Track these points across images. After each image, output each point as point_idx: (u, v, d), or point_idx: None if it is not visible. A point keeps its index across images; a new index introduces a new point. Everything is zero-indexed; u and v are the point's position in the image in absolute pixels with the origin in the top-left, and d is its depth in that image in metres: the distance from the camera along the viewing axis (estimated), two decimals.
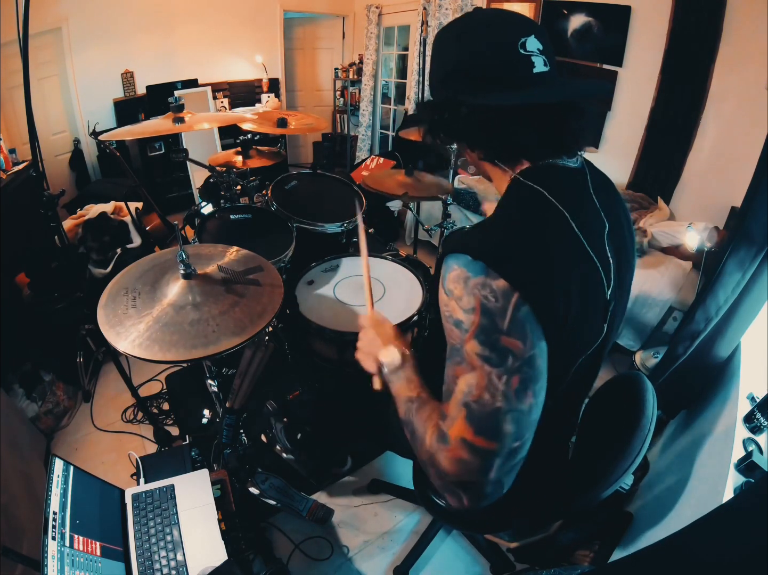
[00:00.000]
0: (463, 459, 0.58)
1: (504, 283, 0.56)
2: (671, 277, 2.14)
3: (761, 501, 0.54)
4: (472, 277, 0.58)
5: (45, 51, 3.23)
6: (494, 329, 0.57)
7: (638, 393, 0.90)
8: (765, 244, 1.13)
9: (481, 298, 0.57)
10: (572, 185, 0.69)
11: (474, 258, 0.58)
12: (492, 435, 0.58)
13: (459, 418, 0.59)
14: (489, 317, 0.57)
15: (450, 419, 0.60)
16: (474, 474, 0.59)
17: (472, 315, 0.57)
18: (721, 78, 2.32)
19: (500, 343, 0.57)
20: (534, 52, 0.63)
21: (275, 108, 4.50)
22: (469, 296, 0.58)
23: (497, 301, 0.56)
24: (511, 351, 0.57)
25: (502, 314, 0.56)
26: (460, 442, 0.58)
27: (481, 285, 0.57)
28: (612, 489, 0.84)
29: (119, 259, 2.29)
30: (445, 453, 0.60)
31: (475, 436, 0.58)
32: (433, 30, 3.81)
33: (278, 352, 1.55)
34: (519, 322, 0.56)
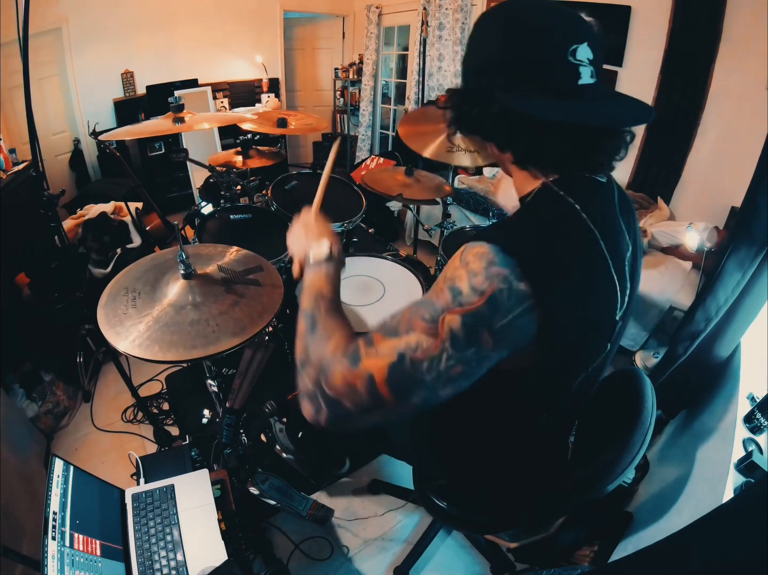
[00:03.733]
0: (357, 389, 0.57)
1: (526, 287, 0.55)
2: (671, 277, 2.14)
3: (761, 501, 0.54)
4: (497, 264, 0.55)
5: (45, 51, 3.23)
6: (486, 322, 0.55)
7: (637, 388, 0.90)
8: (765, 244, 1.13)
9: (496, 289, 0.54)
10: (602, 203, 0.67)
11: (506, 252, 0.56)
12: (397, 395, 0.56)
13: (384, 359, 0.56)
14: (491, 309, 0.54)
15: (374, 351, 0.58)
16: (353, 406, 0.58)
17: (476, 297, 0.55)
18: (721, 78, 2.32)
19: (479, 335, 0.55)
20: (583, 62, 0.58)
21: (275, 108, 4.50)
22: (485, 279, 0.55)
23: (509, 300, 0.54)
24: (481, 345, 0.55)
25: (504, 314, 0.55)
26: (366, 376, 0.56)
27: (503, 277, 0.55)
28: (615, 484, 0.84)
29: (119, 259, 2.29)
30: (343, 371, 0.58)
31: (385, 384, 0.56)
32: (433, 30, 3.81)
33: (278, 352, 1.55)
34: (510, 328, 0.55)
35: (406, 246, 3.37)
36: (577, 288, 0.60)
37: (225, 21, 4.16)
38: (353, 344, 0.60)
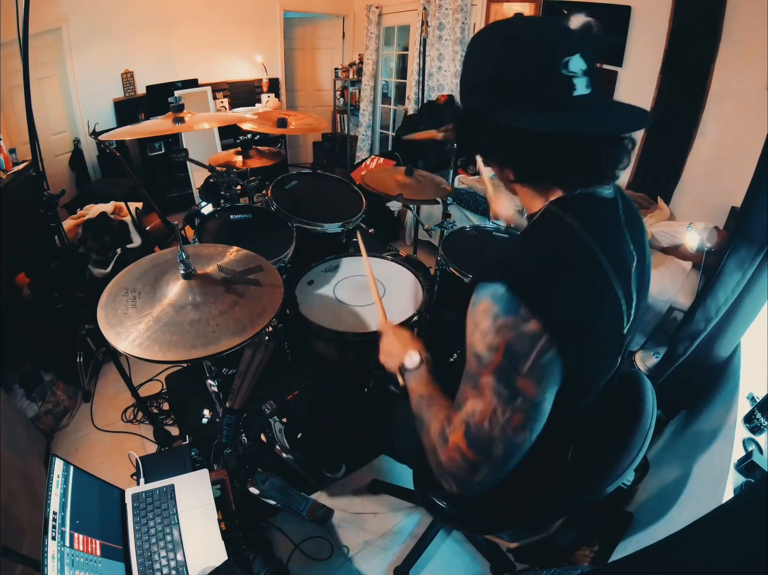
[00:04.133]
0: (456, 460, 0.66)
1: (536, 326, 0.57)
2: (671, 277, 2.14)
3: (761, 501, 0.54)
4: (501, 315, 0.58)
5: (45, 51, 3.23)
6: (513, 370, 0.59)
7: (637, 390, 0.90)
8: (765, 244, 1.13)
9: (507, 340, 0.58)
10: (606, 218, 0.67)
11: (509, 289, 0.58)
12: (481, 454, 0.64)
13: (459, 430, 0.65)
14: (510, 359, 0.58)
15: (453, 427, 0.67)
16: (462, 473, 0.67)
17: (494, 354, 0.59)
18: (721, 78, 2.32)
19: (515, 383, 0.59)
20: (576, 73, 0.59)
21: (275, 108, 4.50)
22: (495, 335, 0.59)
23: (523, 345, 0.57)
24: (524, 392, 0.59)
25: (525, 358, 0.58)
26: (456, 448, 0.66)
27: (509, 326, 0.58)
28: (615, 485, 0.84)
29: (119, 259, 2.29)
30: (443, 450, 0.68)
31: (468, 449, 0.64)
32: (433, 30, 3.81)
33: (278, 352, 1.55)
34: (539, 368, 0.58)
35: (406, 246, 3.37)
36: (585, 316, 0.61)
37: (225, 21, 4.16)
38: (443, 428, 0.70)
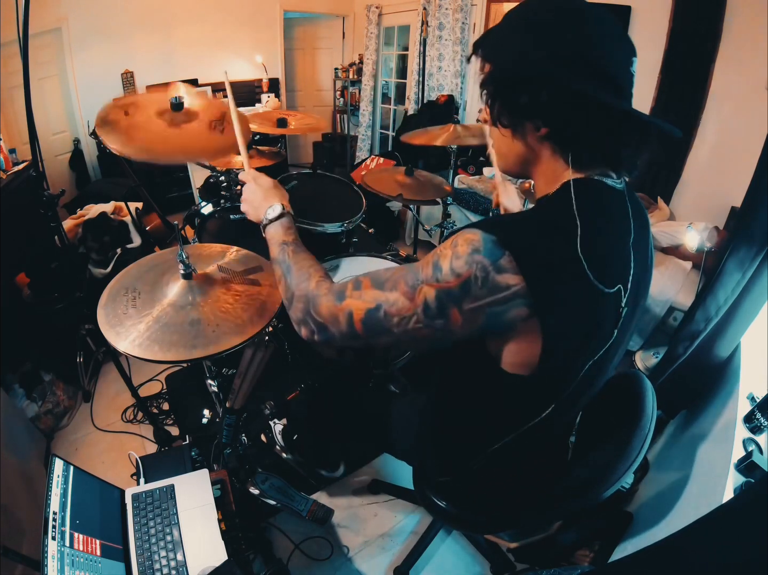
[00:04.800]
0: (339, 320, 0.69)
1: (509, 279, 0.58)
2: (671, 277, 2.14)
3: (761, 501, 0.54)
4: (481, 253, 0.59)
5: (45, 51, 3.24)
6: (456, 301, 0.60)
7: (637, 392, 0.90)
8: (765, 244, 1.13)
9: (471, 275, 0.59)
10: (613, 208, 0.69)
11: (498, 241, 0.59)
12: (368, 334, 0.67)
13: (364, 304, 0.67)
14: (463, 291, 0.60)
15: (360, 294, 0.68)
16: (336, 333, 0.70)
17: (452, 277, 0.60)
18: (721, 78, 2.32)
19: (448, 310, 0.61)
20: (634, 74, 0.64)
21: (275, 108, 4.50)
22: (465, 263, 0.59)
23: (482, 288, 0.59)
24: (449, 319, 0.61)
25: (475, 299, 0.59)
26: (348, 313, 0.68)
27: (482, 266, 0.58)
28: (613, 489, 0.84)
29: (119, 259, 2.29)
30: (329, 304, 0.70)
31: (359, 322, 0.67)
32: (433, 30, 3.81)
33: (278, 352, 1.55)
34: (481, 313, 0.60)
35: (406, 246, 3.37)
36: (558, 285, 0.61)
37: (225, 21, 4.16)
38: (341, 284, 0.71)
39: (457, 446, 0.93)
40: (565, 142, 0.67)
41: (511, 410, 0.79)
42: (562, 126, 0.65)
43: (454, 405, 0.92)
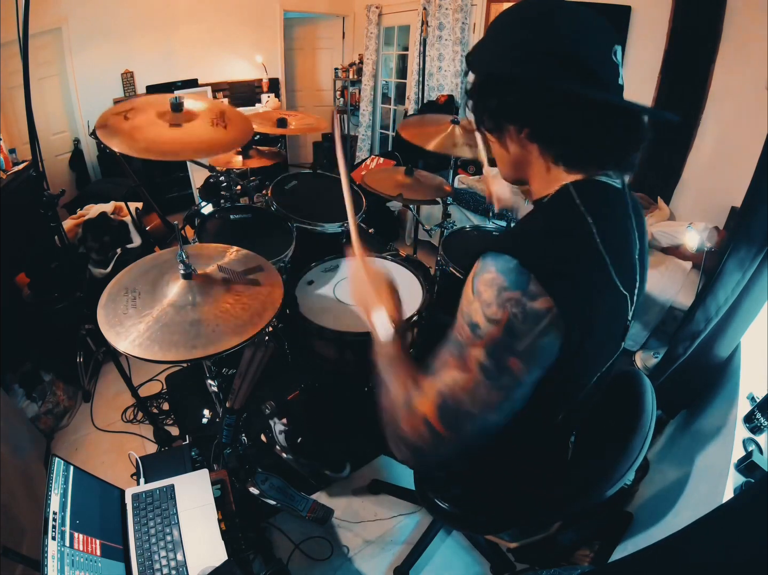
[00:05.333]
0: (420, 431, 0.61)
1: (542, 304, 0.54)
2: (671, 277, 2.14)
3: (761, 501, 0.54)
4: (507, 288, 0.55)
5: (45, 51, 3.23)
6: (508, 348, 0.56)
7: (637, 392, 0.90)
8: (765, 244, 1.13)
9: (510, 315, 0.55)
10: (616, 206, 0.68)
11: (520, 263, 0.55)
12: (453, 430, 0.59)
13: (431, 401, 0.60)
14: (510, 335, 0.55)
15: (423, 395, 0.61)
16: (425, 445, 0.61)
17: (493, 327, 0.56)
18: (721, 78, 2.32)
19: (506, 362, 0.56)
20: (619, 63, 0.61)
21: (275, 108, 4.50)
22: (498, 307, 0.55)
23: (525, 323, 0.55)
24: (512, 371, 0.57)
25: (524, 336, 0.55)
26: (424, 419, 0.60)
27: (515, 301, 0.55)
28: (615, 489, 0.84)
29: (119, 259, 2.28)
30: (407, 418, 0.62)
31: (438, 422, 0.59)
32: (433, 30, 3.81)
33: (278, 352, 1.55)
34: (535, 349, 0.56)
35: (406, 246, 3.37)
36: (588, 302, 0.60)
37: (225, 21, 4.16)
38: (408, 394, 0.63)
39: None
40: (547, 140, 0.65)
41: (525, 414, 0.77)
42: (541, 124, 0.64)
43: None
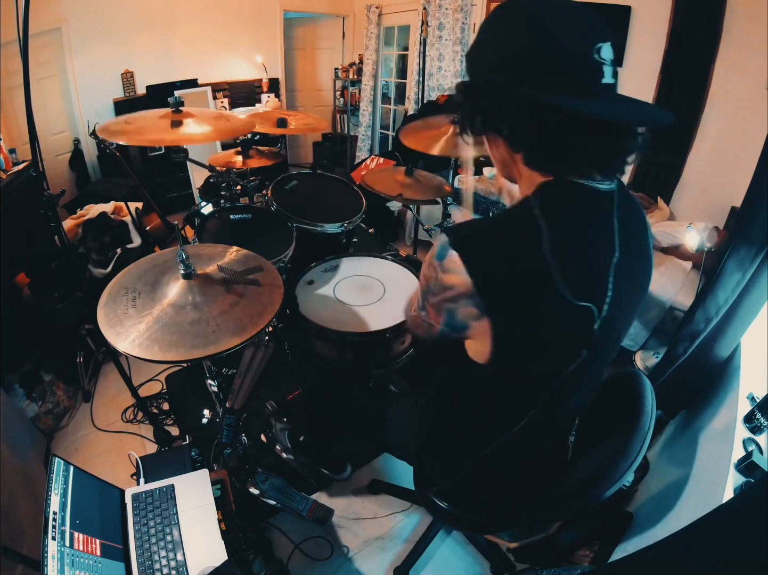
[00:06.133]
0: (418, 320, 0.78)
1: (453, 279, 0.63)
2: (671, 277, 2.14)
3: (761, 501, 0.54)
4: (433, 256, 0.67)
5: (45, 51, 3.23)
6: (425, 296, 0.72)
7: (637, 392, 0.90)
8: (765, 244, 1.13)
9: (429, 275, 0.69)
10: (590, 212, 0.66)
11: (450, 243, 0.64)
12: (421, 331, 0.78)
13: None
14: (427, 290, 0.71)
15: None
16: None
17: (422, 279, 0.73)
18: (721, 78, 2.32)
19: (425, 302, 0.73)
20: (606, 61, 0.59)
21: (275, 108, 4.50)
22: (427, 266, 0.70)
23: (434, 287, 0.68)
24: (427, 312, 0.73)
25: (432, 295, 0.70)
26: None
27: (433, 267, 0.67)
28: (613, 490, 0.84)
29: (119, 259, 2.29)
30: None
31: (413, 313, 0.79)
32: (433, 30, 3.81)
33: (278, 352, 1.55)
34: (441, 308, 0.70)
35: (406, 246, 3.37)
36: (520, 296, 0.61)
37: (225, 21, 4.16)
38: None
39: (456, 446, 0.93)
40: (518, 145, 0.66)
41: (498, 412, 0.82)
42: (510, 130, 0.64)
43: (451, 406, 0.92)
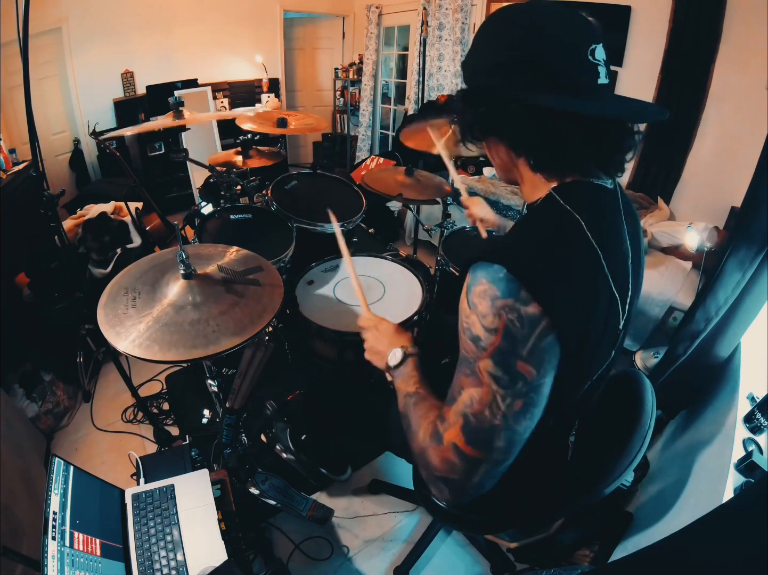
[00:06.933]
0: (452, 461, 0.62)
1: (535, 308, 0.55)
2: (671, 277, 2.14)
3: (761, 501, 0.54)
4: (500, 297, 0.56)
5: (45, 51, 3.23)
6: (513, 353, 0.57)
7: (637, 391, 0.90)
8: (765, 244, 1.13)
9: (506, 322, 0.56)
10: (607, 212, 0.67)
11: (509, 271, 0.56)
12: (482, 448, 0.60)
13: (456, 426, 0.61)
14: (510, 341, 0.56)
15: (447, 423, 0.63)
16: (458, 475, 0.62)
17: (493, 336, 0.57)
18: (721, 78, 2.32)
19: (515, 367, 0.57)
20: (600, 62, 0.59)
21: (275, 108, 4.50)
22: (494, 316, 0.57)
23: (523, 328, 0.56)
24: (524, 376, 0.57)
25: (524, 340, 0.56)
26: (452, 446, 0.62)
27: (509, 307, 0.56)
28: (613, 487, 0.84)
29: (119, 259, 2.29)
30: (436, 451, 0.64)
31: (467, 445, 0.60)
32: (433, 30, 3.81)
33: (278, 352, 1.55)
34: (539, 351, 0.57)
35: (406, 246, 3.37)
36: (583, 303, 0.60)
37: (225, 21, 4.16)
38: (434, 427, 0.65)
39: None
40: (521, 149, 0.66)
41: None
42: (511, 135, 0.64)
43: None
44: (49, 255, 1.99)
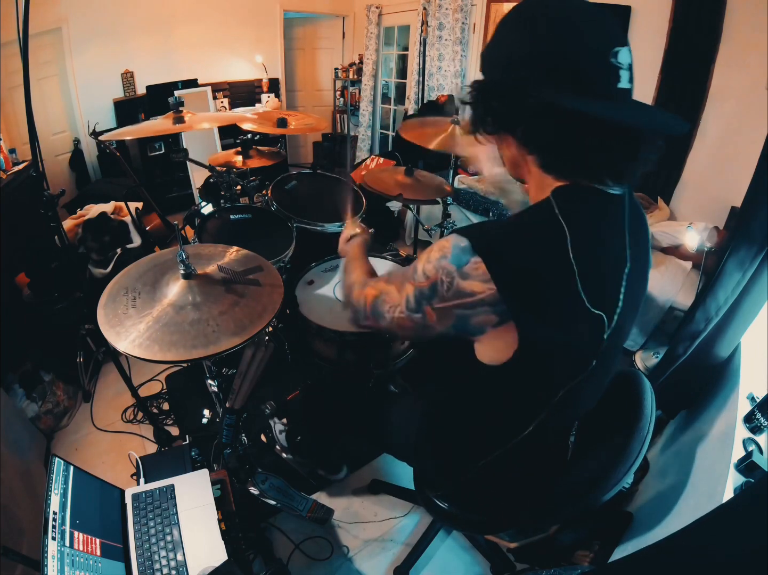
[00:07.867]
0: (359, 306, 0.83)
1: (473, 286, 0.61)
2: (671, 277, 2.14)
3: (761, 501, 0.54)
4: (447, 259, 0.63)
5: (45, 51, 3.24)
6: (427, 299, 0.67)
7: (636, 392, 0.90)
8: (765, 244, 1.12)
9: (437, 279, 0.65)
10: (606, 222, 0.66)
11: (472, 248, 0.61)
12: (373, 319, 0.79)
13: (370, 296, 0.80)
14: (431, 292, 0.67)
15: (369, 288, 0.82)
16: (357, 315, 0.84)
17: (423, 279, 0.68)
18: (721, 78, 2.32)
19: (423, 306, 0.68)
20: (623, 66, 0.58)
21: (275, 108, 4.50)
22: (434, 269, 0.65)
23: (447, 292, 0.64)
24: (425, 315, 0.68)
25: (441, 300, 0.65)
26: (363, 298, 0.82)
27: (447, 271, 0.64)
28: (612, 493, 0.84)
29: (119, 259, 2.28)
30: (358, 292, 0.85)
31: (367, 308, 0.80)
32: (433, 30, 3.81)
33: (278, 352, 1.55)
34: (450, 314, 0.65)
35: (406, 246, 3.37)
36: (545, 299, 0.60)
37: (225, 21, 4.16)
38: (366, 279, 0.88)
39: (458, 451, 0.93)
40: (532, 148, 0.66)
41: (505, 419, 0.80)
42: (524, 132, 0.64)
43: (453, 410, 0.92)
44: (49, 255, 1.99)
